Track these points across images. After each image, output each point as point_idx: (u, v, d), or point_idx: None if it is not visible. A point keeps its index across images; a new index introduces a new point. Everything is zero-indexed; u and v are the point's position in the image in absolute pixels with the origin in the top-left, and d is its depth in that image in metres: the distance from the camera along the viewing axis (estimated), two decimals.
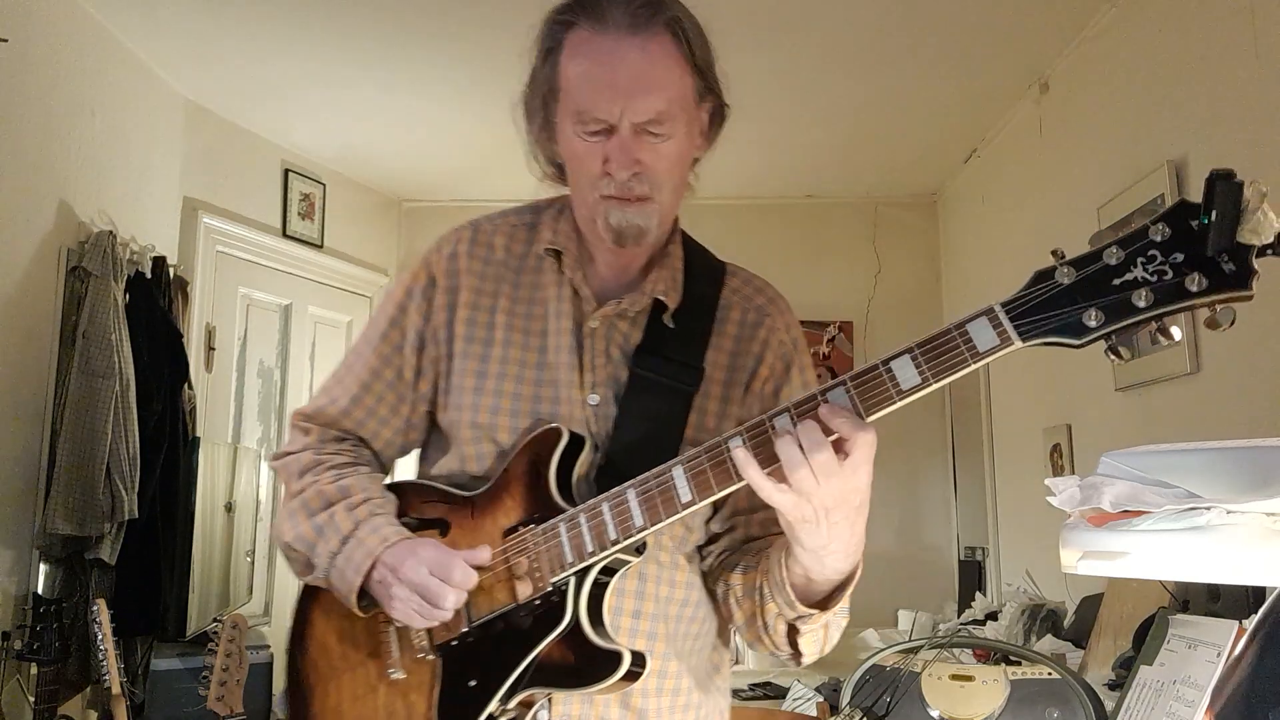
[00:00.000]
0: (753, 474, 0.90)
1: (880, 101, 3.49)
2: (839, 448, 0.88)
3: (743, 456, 0.91)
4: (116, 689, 2.18)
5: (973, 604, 3.38)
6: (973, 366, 0.84)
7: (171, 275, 3.20)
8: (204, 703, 2.17)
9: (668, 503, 0.98)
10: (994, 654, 1.89)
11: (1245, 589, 1.33)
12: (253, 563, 3.40)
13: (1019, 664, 1.71)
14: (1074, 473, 2.50)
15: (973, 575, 3.87)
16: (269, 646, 2.82)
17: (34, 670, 2.35)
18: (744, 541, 1.15)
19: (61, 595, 2.59)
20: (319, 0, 2.86)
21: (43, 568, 2.62)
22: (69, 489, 2.56)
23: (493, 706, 1.02)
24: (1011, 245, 3.59)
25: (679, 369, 1.12)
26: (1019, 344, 0.82)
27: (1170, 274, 0.77)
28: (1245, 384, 2.11)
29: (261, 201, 3.93)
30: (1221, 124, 2.19)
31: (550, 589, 1.02)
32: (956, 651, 1.95)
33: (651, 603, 1.12)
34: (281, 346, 4.09)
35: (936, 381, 0.85)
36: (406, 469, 1.31)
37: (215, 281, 3.70)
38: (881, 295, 4.38)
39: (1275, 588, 0.95)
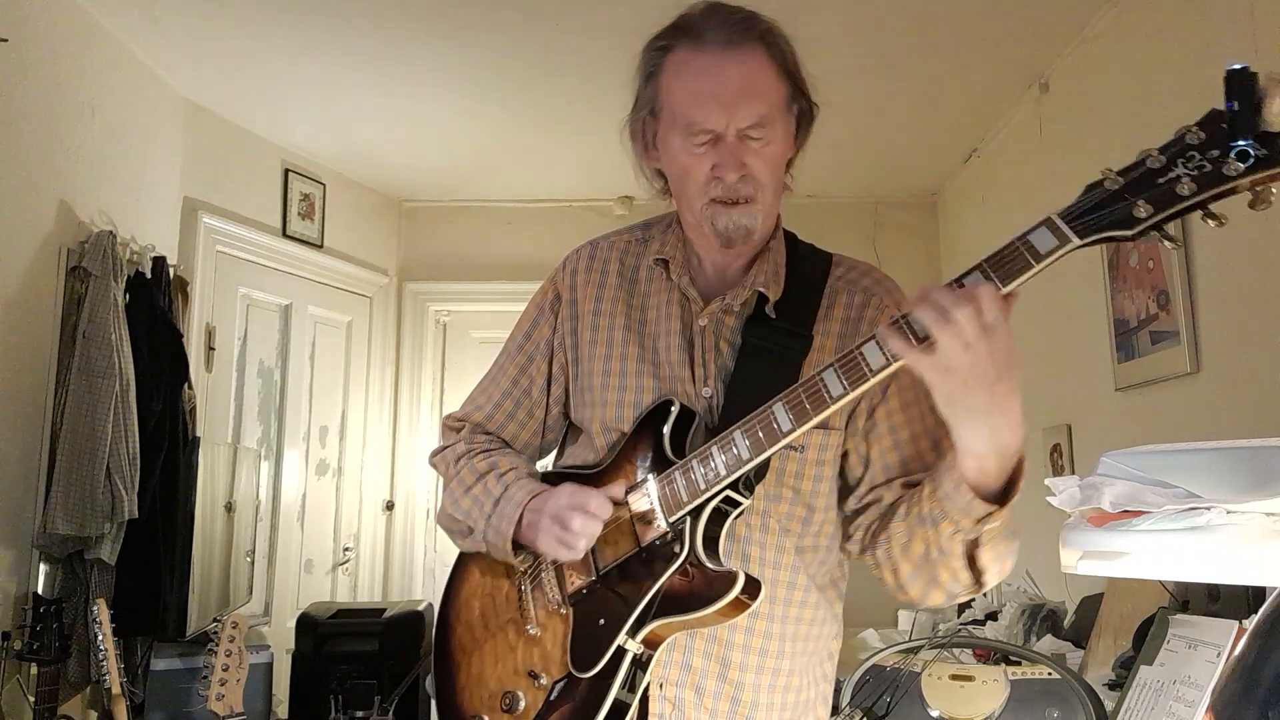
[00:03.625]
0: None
1: (880, 101, 3.48)
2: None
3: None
4: (116, 689, 2.18)
5: (973, 604, 3.38)
6: (1037, 268, 0.90)
7: (171, 275, 3.20)
8: (204, 703, 2.18)
9: (770, 433, 1.05)
10: (994, 654, 1.89)
11: (1245, 589, 1.33)
12: (253, 563, 3.39)
13: (1019, 664, 1.71)
14: (1074, 473, 2.50)
15: None
16: (269, 646, 2.82)
17: (34, 670, 2.35)
18: (890, 507, 1.18)
19: (61, 595, 2.59)
20: (319, 0, 2.86)
21: (43, 568, 2.62)
22: (69, 489, 2.55)
23: (620, 639, 1.10)
24: None
25: (787, 337, 1.20)
26: (1076, 241, 0.89)
27: (1209, 166, 0.84)
28: (1245, 384, 2.11)
29: (261, 201, 3.93)
30: None
31: (668, 529, 1.11)
32: (956, 651, 1.95)
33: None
34: (281, 346, 4.09)
35: (1005, 284, 0.91)
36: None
37: (215, 281, 3.69)
38: None
39: (1275, 588, 0.95)
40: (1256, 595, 1.26)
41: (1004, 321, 0.91)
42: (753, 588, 1.08)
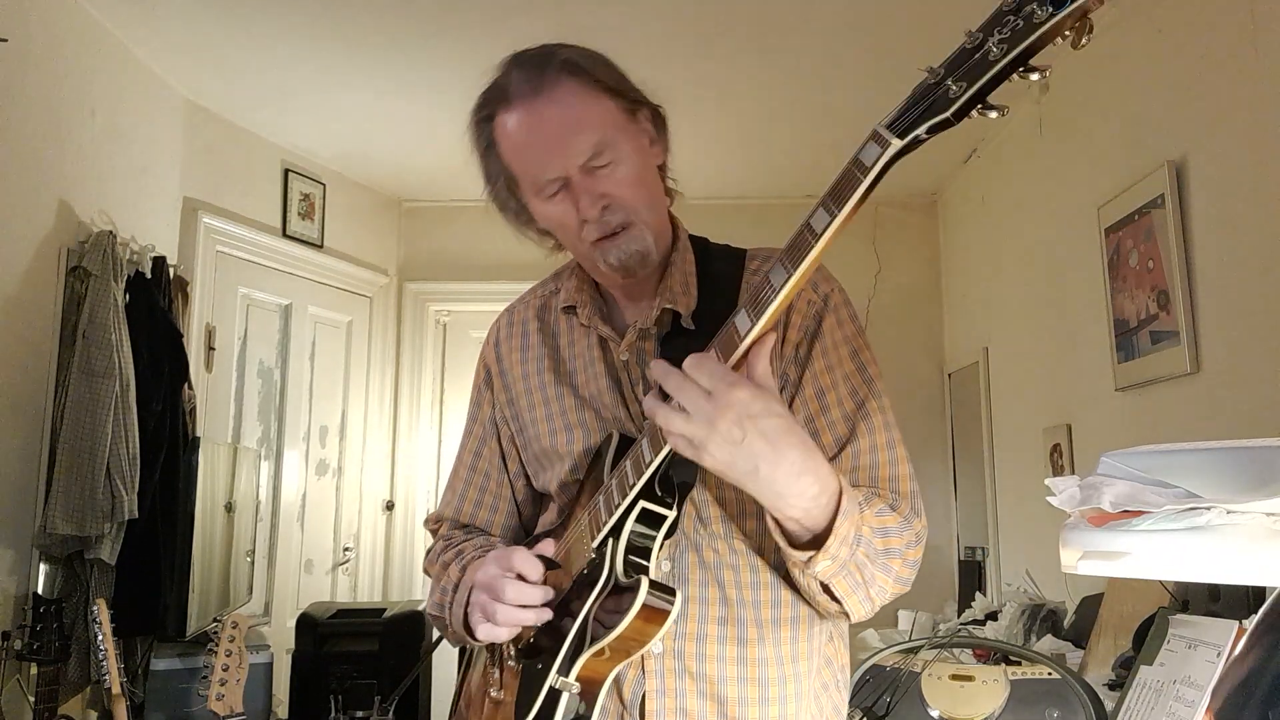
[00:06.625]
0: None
1: (880, 102, 3.47)
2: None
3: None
4: (116, 689, 2.18)
5: (973, 604, 3.38)
6: (866, 181, 0.87)
7: (171, 275, 3.20)
8: (204, 703, 2.18)
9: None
10: (994, 654, 1.89)
11: (1245, 589, 1.33)
12: (253, 563, 3.39)
13: (1019, 664, 1.71)
14: (1074, 473, 2.50)
15: (973, 575, 3.87)
16: (269, 646, 2.82)
17: (34, 670, 2.35)
18: None
19: (61, 595, 2.59)
20: (319, 1, 2.86)
21: (43, 568, 2.62)
22: (69, 489, 2.56)
23: (550, 679, 1.05)
24: (1011, 245, 3.59)
25: (705, 342, 1.12)
26: (897, 143, 0.86)
27: (1020, 23, 0.79)
28: (1245, 384, 2.11)
29: (261, 201, 3.93)
30: (1221, 124, 2.19)
31: (594, 554, 1.07)
32: (956, 651, 1.95)
33: (736, 608, 1.14)
34: (281, 346, 4.09)
35: (840, 209, 0.88)
36: None
37: (215, 281, 3.70)
38: (882, 295, 4.38)
39: (1275, 588, 0.95)
40: (1256, 595, 1.26)
41: (726, 383, 0.91)
42: (663, 589, 1.02)
